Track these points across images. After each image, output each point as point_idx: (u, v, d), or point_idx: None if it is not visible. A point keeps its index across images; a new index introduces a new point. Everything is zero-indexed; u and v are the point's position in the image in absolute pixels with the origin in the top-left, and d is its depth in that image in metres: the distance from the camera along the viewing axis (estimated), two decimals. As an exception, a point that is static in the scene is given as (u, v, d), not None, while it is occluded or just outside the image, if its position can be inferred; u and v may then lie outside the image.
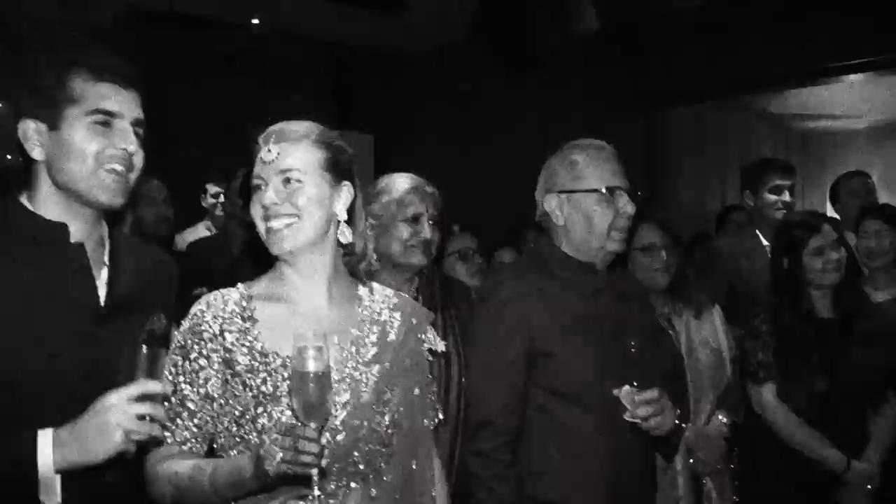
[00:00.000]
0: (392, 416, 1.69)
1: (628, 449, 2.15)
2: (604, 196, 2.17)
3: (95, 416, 1.40)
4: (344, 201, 1.70)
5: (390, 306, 1.80)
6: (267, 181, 1.66)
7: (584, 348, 2.14)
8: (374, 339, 1.72)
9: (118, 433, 1.39)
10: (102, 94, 1.60)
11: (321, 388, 1.41)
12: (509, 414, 2.12)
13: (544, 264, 2.26)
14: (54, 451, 1.40)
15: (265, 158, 1.66)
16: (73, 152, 1.58)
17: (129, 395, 1.41)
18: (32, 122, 1.60)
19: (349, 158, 1.74)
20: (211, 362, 1.62)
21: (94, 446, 1.40)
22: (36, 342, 1.53)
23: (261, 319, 1.66)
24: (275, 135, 1.68)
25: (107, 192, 1.61)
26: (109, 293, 1.67)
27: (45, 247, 1.61)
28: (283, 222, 1.64)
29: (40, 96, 1.60)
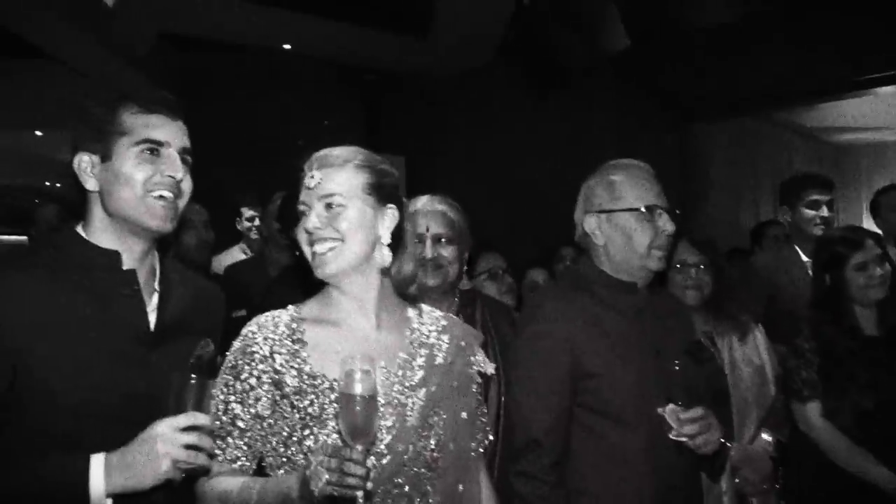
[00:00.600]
0: (438, 440, 1.69)
1: (674, 468, 2.14)
2: (643, 215, 2.18)
3: (144, 444, 1.44)
4: (388, 224, 1.72)
5: (439, 328, 1.81)
6: (311, 206, 1.69)
7: (628, 367, 2.14)
8: (421, 363, 1.73)
9: (166, 461, 1.43)
10: (150, 125, 1.66)
11: (368, 410, 1.43)
12: (555, 434, 2.12)
13: (586, 284, 2.26)
14: (105, 475, 1.44)
15: (308, 184, 1.70)
16: (124, 180, 1.64)
17: (177, 425, 1.45)
18: (86, 155, 1.67)
19: (394, 181, 1.76)
20: (261, 383, 1.65)
21: (142, 473, 1.44)
22: (89, 366, 1.57)
23: (310, 342, 1.69)
24: (318, 161, 1.72)
25: (156, 218, 1.66)
26: (159, 319, 1.71)
27: (99, 273, 1.65)
28: (326, 246, 1.66)
29: (92, 130, 1.67)
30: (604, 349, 2.14)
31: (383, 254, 1.72)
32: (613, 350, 2.14)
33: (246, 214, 5.13)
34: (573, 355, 2.13)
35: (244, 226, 5.14)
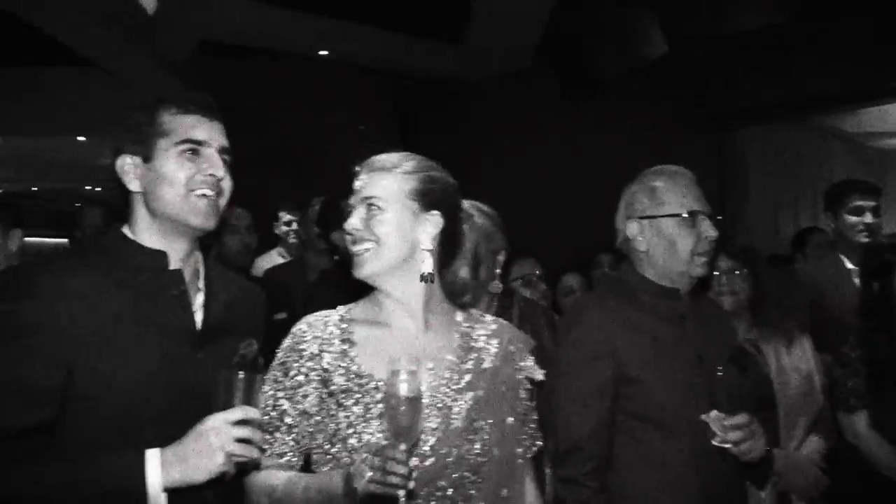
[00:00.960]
0: (483, 444, 1.68)
1: (717, 475, 2.11)
2: (686, 220, 2.17)
3: (199, 438, 1.47)
4: (430, 231, 1.72)
5: (488, 333, 1.81)
6: (354, 207, 1.72)
7: (671, 373, 2.12)
8: (469, 367, 1.74)
9: (220, 455, 1.45)
10: (189, 125, 1.69)
11: (412, 411, 1.45)
12: (597, 440, 2.11)
13: (628, 291, 2.25)
14: (161, 469, 1.46)
15: (356, 186, 1.74)
16: (166, 180, 1.66)
17: (230, 420, 1.47)
18: (128, 157, 1.70)
19: (443, 189, 1.76)
20: (309, 380, 1.68)
21: (197, 466, 1.46)
22: (139, 365, 1.59)
23: (358, 342, 1.71)
24: (368, 165, 1.75)
25: (199, 216, 1.68)
26: (205, 318, 1.74)
27: (146, 273, 1.67)
28: (363, 247, 1.69)
29: (133, 132, 1.69)
30: (646, 355, 2.13)
31: (424, 260, 1.72)
32: (656, 356, 2.13)
33: (283, 219, 5.19)
34: (615, 361, 2.12)
35: (281, 230, 5.21)
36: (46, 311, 1.52)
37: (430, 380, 1.68)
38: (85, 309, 1.56)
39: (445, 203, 1.75)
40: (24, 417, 1.48)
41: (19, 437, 1.48)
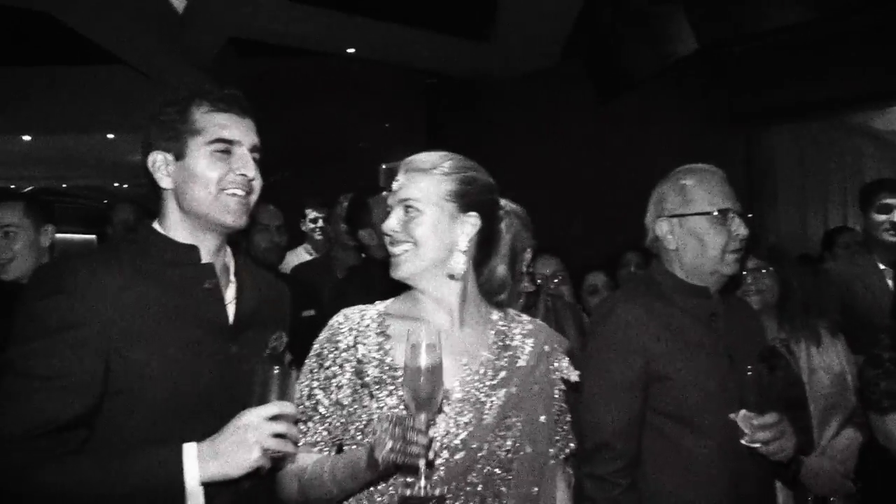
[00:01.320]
0: (514, 441, 1.69)
1: (746, 475, 2.11)
2: (716, 218, 2.17)
3: (235, 433, 1.48)
4: (468, 231, 1.72)
5: (524, 332, 1.81)
6: (392, 209, 1.73)
7: (700, 372, 2.12)
8: (503, 364, 1.74)
9: (256, 450, 1.47)
10: (221, 124, 1.70)
11: (432, 381, 1.47)
12: (626, 437, 2.12)
13: (658, 288, 2.25)
14: (199, 464, 1.48)
15: (394, 187, 1.74)
16: (198, 179, 1.68)
17: (266, 415, 1.49)
18: (160, 154, 1.71)
19: (481, 189, 1.76)
20: (343, 371, 1.70)
21: (233, 461, 1.48)
22: (174, 358, 1.61)
23: (394, 335, 1.73)
24: (406, 165, 1.75)
25: (230, 214, 1.70)
26: (237, 311, 1.76)
27: (178, 268, 1.70)
28: (401, 248, 1.70)
29: (166, 129, 1.70)
30: (676, 353, 2.13)
31: (458, 260, 1.72)
32: (686, 354, 2.13)
33: (310, 216, 5.22)
34: (645, 358, 2.12)
35: (308, 227, 5.24)
36: (84, 304, 1.54)
37: (463, 375, 1.70)
38: (121, 303, 1.58)
39: (483, 204, 1.75)
40: (65, 410, 1.50)
41: (60, 431, 1.49)
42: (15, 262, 2.77)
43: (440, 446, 1.62)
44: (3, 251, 2.77)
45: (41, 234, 2.85)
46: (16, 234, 2.79)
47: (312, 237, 5.21)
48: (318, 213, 5.16)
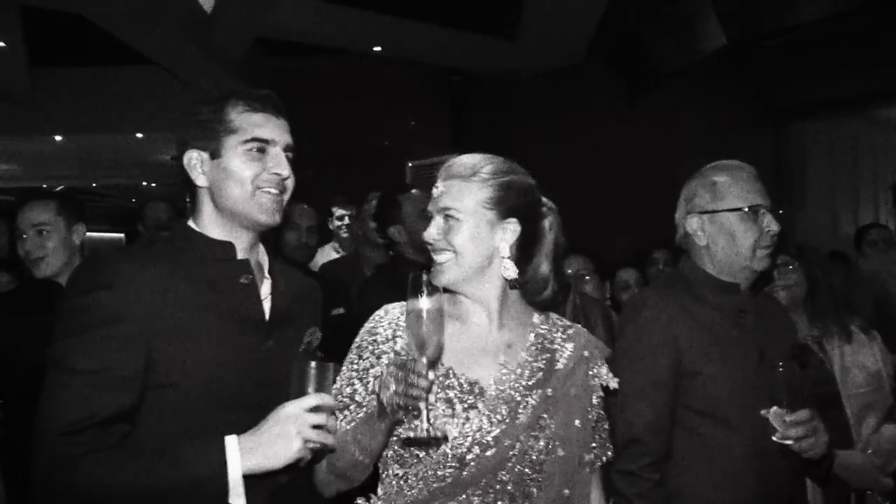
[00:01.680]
0: (547, 442, 1.69)
1: (777, 472, 2.10)
2: (747, 215, 2.16)
3: (276, 426, 1.50)
4: (508, 238, 1.73)
5: (564, 336, 1.82)
6: (432, 217, 1.75)
7: (730, 368, 2.12)
8: (540, 365, 1.74)
9: (297, 442, 1.48)
10: (257, 124, 1.71)
11: (432, 324, 1.52)
12: (656, 433, 2.11)
13: (688, 285, 2.25)
14: (241, 456, 1.49)
15: (434, 194, 1.76)
16: (233, 178, 1.70)
17: (305, 406, 1.50)
18: (195, 152, 1.73)
19: (521, 193, 1.76)
20: (380, 362, 1.72)
21: (274, 453, 1.49)
22: (211, 353, 1.63)
23: None
24: (445, 171, 1.76)
25: (265, 213, 1.72)
26: (272, 307, 1.78)
27: (215, 264, 1.72)
28: (443, 257, 1.72)
29: (202, 128, 1.72)
30: (706, 349, 2.13)
31: (503, 266, 1.73)
32: (716, 350, 2.13)
33: (336, 213, 5.25)
34: (675, 354, 2.12)
35: (335, 225, 5.27)
36: (125, 300, 1.57)
37: (499, 374, 1.71)
38: (160, 298, 1.60)
39: (523, 208, 1.75)
40: (107, 405, 1.52)
41: (102, 425, 1.51)
42: (47, 259, 2.83)
43: (472, 441, 1.63)
44: (36, 249, 2.83)
45: (73, 232, 2.90)
46: (49, 232, 2.84)
47: (339, 235, 5.24)
48: (344, 211, 5.20)
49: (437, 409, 1.65)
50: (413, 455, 1.66)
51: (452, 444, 1.63)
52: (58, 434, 1.48)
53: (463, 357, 1.72)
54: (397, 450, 1.69)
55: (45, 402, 1.53)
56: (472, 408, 1.66)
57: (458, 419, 1.65)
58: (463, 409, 1.66)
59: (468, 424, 1.64)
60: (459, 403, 1.66)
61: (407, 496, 1.66)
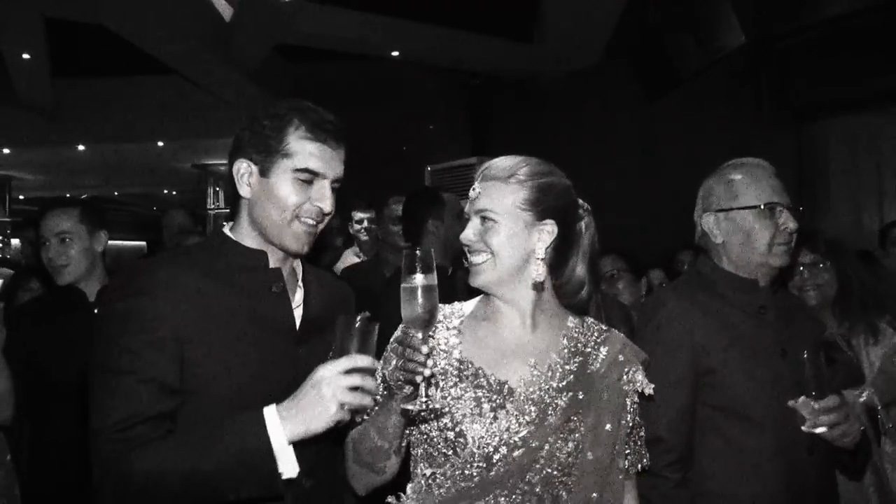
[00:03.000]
0: (576, 445, 1.68)
1: (805, 469, 2.08)
2: (763, 212, 2.15)
3: (311, 389, 1.50)
4: (545, 239, 1.73)
5: (599, 340, 1.80)
6: (469, 218, 1.76)
7: (752, 365, 2.10)
8: (572, 368, 1.73)
9: (333, 404, 1.48)
10: (312, 153, 1.71)
11: (426, 299, 1.55)
12: (677, 431, 2.10)
13: (706, 283, 2.24)
14: (281, 424, 1.50)
15: (471, 196, 1.77)
16: (276, 201, 1.70)
17: (340, 369, 1.50)
18: (246, 163, 1.73)
19: (558, 195, 1.76)
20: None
21: (312, 417, 1.49)
22: (243, 359, 1.65)
23: (465, 332, 1.77)
24: (483, 173, 1.76)
25: (297, 242, 1.73)
26: (304, 315, 1.79)
27: (248, 272, 1.73)
28: (480, 259, 1.73)
29: (259, 142, 1.72)
30: (726, 346, 2.12)
31: (536, 268, 1.73)
32: (736, 347, 2.12)
33: (356, 217, 5.26)
34: (695, 352, 2.11)
35: (355, 229, 5.28)
36: (162, 306, 1.59)
37: (529, 376, 1.71)
38: (194, 305, 1.62)
39: (560, 210, 1.75)
40: (153, 404, 1.54)
41: (149, 422, 1.53)
42: (70, 266, 2.87)
43: (499, 441, 1.63)
44: (58, 256, 2.87)
45: (95, 239, 2.94)
46: (71, 240, 2.88)
47: (359, 239, 5.25)
48: (364, 215, 5.21)
49: (465, 406, 1.66)
50: (441, 454, 1.67)
51: (479, 443, 1.64)
52: (110, 431, 1.51)
53: (493, 358, 1.73)
54: (426, 448, 1.70)
55: (97, 403, 1.56)
56: (500, 408, 1.66)
57: (485, 418, 1.65)
58: (490, 408, 1.66)
59: (495, 424, 1.64)
60: (487, 403, 1.66)
61: (435, 495, 1.66)
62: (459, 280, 1.88)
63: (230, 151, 1.76)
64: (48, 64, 9.40)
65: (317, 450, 1.66)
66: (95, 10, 7.43)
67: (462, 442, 1.64)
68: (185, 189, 16.44)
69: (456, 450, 1.65)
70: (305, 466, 1.55)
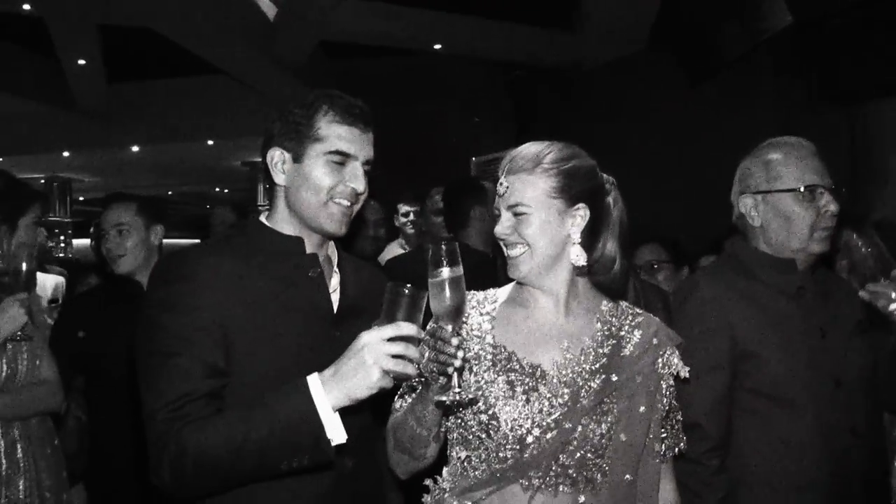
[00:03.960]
0: (609, 427, 1.69)
1: (849, 453, 2.04)
2: (803, 195, 2.08)
3: (354, 357, 1.52)
4: (578, 224, 1.74)
5: (633, 324, 1.80)
6: (500, 212, 1.77)
7: (790, 347, 2.06)
8: (605, 351, 1.74)
9: (375, 371, 1.50)
10: (342, 136, 1.76)
11: (453, 291, 1.56)
12: (715, 417, 2.07)
13: (741, 265, 2.19)
14: (325, 391, 1.54)
15: (499, 191, 1.77)
16: (310, 184, 1.76)
17: (383, 336, 1.51)
18: (280, 151, 1.79)
19: (585, 177, 1.76)
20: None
21: (355, 384, 1.52)
22: (282, 344, 1.70)
23: (498, 317, 1.78)
24: (507, 166, 1.77)
25: (333, 223, 1.78)
26: (342, 299, 1.84)
27: (285, 258, 1.79)
28: (517, 251, 1.74)
29: (290, 129, 1.78)
30: (763, 329, 2.07)
31: (575, 252, 1.74)
32: (773, 329, 2.07)
33: (402, 210, 5.32)
34: (731, 336, 2.07)
35: (401, 221, 5.34)
36: (204, 290, 1.66)
37: (562, 359, 1.72)
38: (234, 290, 1.68)
39: (589, 191, 1.75)
40: (200, 385, 1.60)
41: (199, 402, 1.59)
42: (126, 257, 3.00)
43: (532, 423, 1.65)
44: (116, 248, 3.01)
45: (151, 232, 3.07)
46: (128, 232, 3.02)
47: (405, 231, 5.31)
48: (410, 208, 5.26)
49: (498, 389, 1.68)
50: (475, 437, 1.69)
51: (512, 425, 1.65)
52: (164, 412, 1.57)
53: (526, 342, 1.74)
54: (461, 432, 1.72)
55: (148, 386, 1.62)
56: (532, 390, 1.67)
57: (518, 401, 1.67)
58: (523, 391, 1.67)
59: (528, 406, 1.66)
60: (520, 385, 1.68)
61: (471, 478, 1.69)
62: (501, 267, 1.88)
63: (262, 144, 1.82)
64: (103, 69, 9.67)
65: (359, 430, 1.70)
66: (144, 14, 7.62)
67: (495, 425, 1.66)
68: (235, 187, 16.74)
69: (489, 433, 1.66)
70: (348, 446, 1.59)
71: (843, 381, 2.05)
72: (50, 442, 2.54)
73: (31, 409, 2.47)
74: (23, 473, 2.36)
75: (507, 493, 1.65)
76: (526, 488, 1.64)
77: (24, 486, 2.36)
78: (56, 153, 13.21)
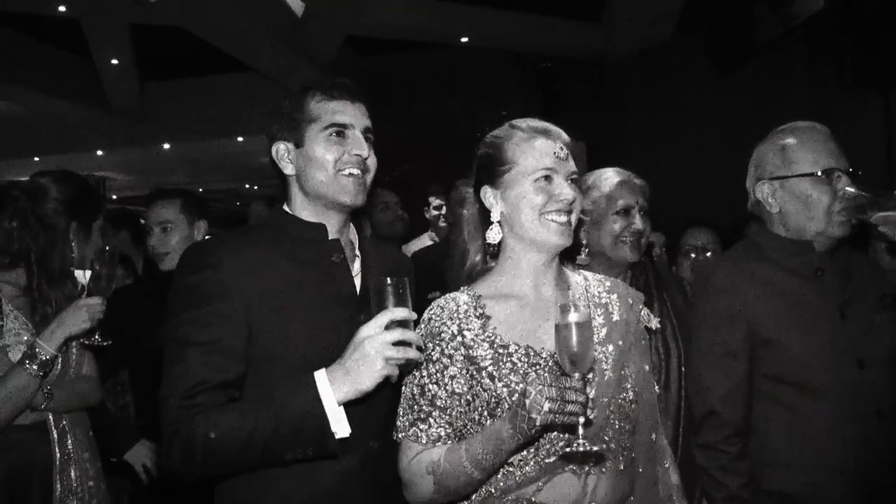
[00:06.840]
0: (633, 391, 1.73)
1: (873, 437, 2.01)
2: (821, 179, 2.06)
3: (356, 349, 1.56)
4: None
5: (607, 289, 1.85)
6: (559, 174, 1.75)
7: (808, 330, 2.04)
8: (601, 321, 1.77)
9: (378, 361, 1.53)
10: (334, 110, 1.84)
11: (583, 337, 1.49)
12: (733, 403, 2.06)
13: (759, 250, 2.17)
14: (332, 386, 1.57)
15: (559, 154, 1.76)
16: (316, 162, 1.82)
17: (380, 325, 1.55)
18: (282, 143, 1.88)
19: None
20: (454, 360, 1.70)
21: (360, 376, 1.55)
22: (307, 327, 1.75)
23: (493, 315, 1.74)
24: (560, 136, 1.80)
25: (348, 193, 1.83)
26: (363, 282, 1.88)
27: (308, 244, 1.84)
28: (574, 218, 1.75)
29: (286, 121, 1.87)
30: (780, 313, 2.05)
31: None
32: (791, 313, 2.05)
33: (433, 203, 5.34)
34: (748, 322, 2.06)
35: (432, 214, 5.36)
36: (229, 278, 1.71)
37: None
38: (260, 277, 1.73)
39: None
40: (216, 374, 1.65)
41: (214, 390, 1.64)
42: (171, 255, 3.06)
43: None
44: (161, 245, 3.08)
45: (195, 228, 3.15)
46: (173, 229, 3.09)
47: (436, 224, 5.33)
48: (440, 201, 5.27)
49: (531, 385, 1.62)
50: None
51: None
52: (176, 399, 1.62)
53: (529, 330, 1.73)
54: None
55: (166, 372, 1.68)
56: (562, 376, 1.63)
57: None
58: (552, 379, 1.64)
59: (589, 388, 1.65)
60: (548, 374, 1.64)
61: (517, 476, 1.64)
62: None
63: (267, 146, 1.90)
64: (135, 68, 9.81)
65: (386, 413, 1.76)
66: (175, 13, 7.71)
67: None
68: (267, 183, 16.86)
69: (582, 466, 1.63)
70: (373, 429, 1.64)
71: (867, 362, 2.02)
72: (87, 433, 2.60)
73: (78, 403, 2.53)
74: (74, 463, 2.43)
75: (557, 483, 1.63)
76: (578, 473, 1.62)
77: (74, 474, 2.43)
78: (90, 152, 13.43)
